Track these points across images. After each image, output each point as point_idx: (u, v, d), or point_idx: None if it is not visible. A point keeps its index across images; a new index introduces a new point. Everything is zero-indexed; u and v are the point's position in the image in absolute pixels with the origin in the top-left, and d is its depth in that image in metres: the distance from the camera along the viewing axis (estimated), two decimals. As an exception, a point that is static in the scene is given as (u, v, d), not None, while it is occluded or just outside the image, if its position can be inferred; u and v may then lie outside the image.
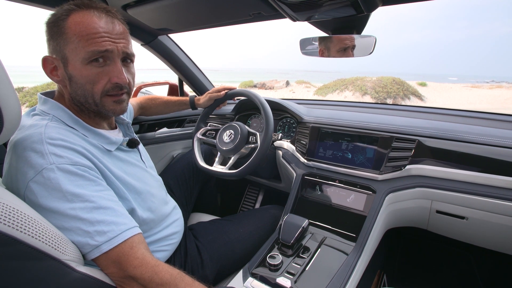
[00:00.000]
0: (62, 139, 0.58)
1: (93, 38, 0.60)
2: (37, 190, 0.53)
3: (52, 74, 0.65)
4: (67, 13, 0.61)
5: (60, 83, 0.66)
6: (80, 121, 0.66)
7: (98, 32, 0.61)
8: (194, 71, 1.52)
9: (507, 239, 0.92)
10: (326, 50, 0.93)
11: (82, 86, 0.64)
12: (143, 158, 0.82)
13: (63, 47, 0.61)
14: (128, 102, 0.73)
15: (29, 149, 0.55)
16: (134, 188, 0.70)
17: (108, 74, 0.64)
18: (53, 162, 0.54)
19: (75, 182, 0.55)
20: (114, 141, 0.71)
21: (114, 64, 0.65)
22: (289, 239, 0.83)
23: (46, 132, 0.58)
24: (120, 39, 0.65)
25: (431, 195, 0.93)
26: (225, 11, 0.98)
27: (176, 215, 0.88)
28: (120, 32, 0.65)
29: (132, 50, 0.69)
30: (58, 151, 0.56)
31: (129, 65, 0.70)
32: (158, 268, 0.57)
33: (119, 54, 0.65)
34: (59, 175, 0.54)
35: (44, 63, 0.65)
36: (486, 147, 0.87)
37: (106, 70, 0.64)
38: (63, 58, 0.62)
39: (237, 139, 1.10)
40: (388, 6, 0.80)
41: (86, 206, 0.55)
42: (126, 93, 0.70)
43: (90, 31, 0.60)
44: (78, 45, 0.60)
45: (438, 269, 1.33)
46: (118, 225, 0.57)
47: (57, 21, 0.61)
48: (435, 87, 16.86)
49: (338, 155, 1.08)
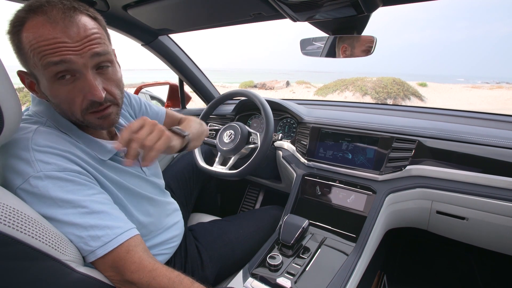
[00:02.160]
0: (50, 146, 0.55)
1: (44, 50, 0.51)
2: (26, 198, 0.51)
3: (32, 89, 0.59)
4: (21, 23, 0.52)
5: (43, 98, 0.60)
6: (74, 127, 0.62)
7: (51, 43, 0.51)
8: (194, 71, 1.52)
9: (507, 239, 0.92)
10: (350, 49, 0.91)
11: (59, 106, 0.58)
12: (143, 168, 0.76)
13: (27, 64, 0.55)
14: (118, 112, 0.64)
15: (15, 156, 0.53)
16: (132, 192, 0.68)
17: (81, 91, 0.55)
18: (41, 170, 0.52)
19: (65, 188, 0.53)
20: (109, 150, 0.66)
21: (84, 78, 0.54)
22: (289, 240, 0.83)
23: (33, 138, 0.54)
24: (84, 44, 0.53)
25: (431, 195, 0.93)
26: (225, 11, 0.98)
27: (177, 217, 0.87)
28: (84, 36, 0.53)
29: (106, 48, 0.57)
30: (46, 157, 0.53)
31: (106, 71, 0.58)
32: (156, 272, 0.55)
33: (86, 63, 0.54)
34: (47, 182, 0.52)
35: (20, 78, 0.59)
36: (487, 148, 0.87)
37: (78, 87, 0.55)
38: (32, 75, 0.56)
39: (237, 139, 1.10)
40: (388, 7, 0.80)
41: (78, 212, 0.53)
42: (111, 105, 0.60)
43: (40, 42, 0.51)
44: (35, 60, 0.52)
45: (438, 269, 1.33)
46: (113, 229, 0.55)
47: (14, 32, 0.53)
48: (435, 87, 16.85)
49: (338, 156, 1.08)
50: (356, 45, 0.89)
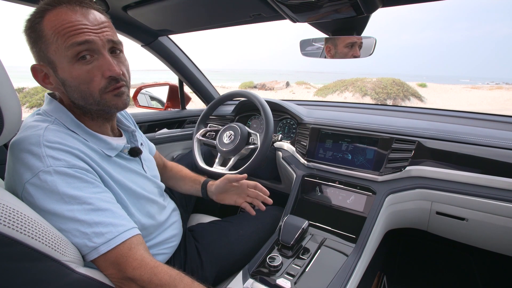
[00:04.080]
0: (60, 143, 0.57)
1: (69, 32, 0.57)
2: (34, 192, 0.53)
3: (45, 82, 0.63)
4: (41, 14, 0.58)
5: (55, 90, 0.64)
6: (82, 125, 0.65)
7: (75, 25, 0.57)
8: (194, 72, 1.53)
9: (507, 240, 0.92)
10: (333, 48, 0.92)
11: (77, 88, 0.61)
12: (145, 168, 0.79)
13: (46, 51, 0.59)
14: (128, 95, 0.69)
15: (27, 151, 0.55)
16: (134, 193, 0.69)
17: (100, 69, 0.60)
18: (50, 165, 0.54)
19: (73, 184, 0.55)
20: (115, 147, 0.69)
21: (103, 57, 0.60)
22: (289, 240, 0.83)
23: (44, 134, 0.57)
24: (101, 29, 0.60)
25: (431, 196, 0.93)
26: (225, 12, 0.98)
27: (175, 217, 0.87)
28: (100, 22, 0.61)
29: (118, 38, 0.65)
30: (56, 153, 0.56)
31: (119, 55, 0.65)
32: (157, 269, 0.57)
33: (104, 44, 0.60)
34: (56, 177, 0.54)
35: (33, 72, 0.62)
36: (486, 149, 0.87)
37: (96, 66, 0.60)
38: (50, 63, 0.60)
39: (237, 140, 1.10)
40: (388, 8, 0.80)
41: (83, 208, 0.55)
42: (125, 85, 0.66)
43: (65, 25, 0.57)
44: (58, 44, 0.57)
45: (438, 270, 1.33)
46: (116, 226, 0.57)
47: (33, 25, 0.59)
48: (434, 88, 16.87)
49: (338, 156, 1.08)
50: (355, 46, 0.89)
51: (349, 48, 0.89)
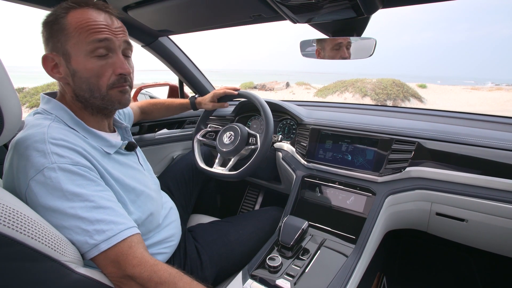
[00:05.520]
0: (64, 140, 0.59)
1: (93, 29, 0.63)
2: (38, 189, 0.53)
3: (53, 71, 0.66)
4: (66, 11, 0.63)
5: (62, 81, 0.67)
6: (81, 123, 0.66)
7: (98, 24, 0.63)
8: (194, 72, 1.53)
9: (507, 241, 0.92)
10: (322, 50, 0.93)
11: (87, 80, 0.65)
12: (141, 161, 0.82)
13: (65, 43, 0.63)
14: (130, 95, 0.73)
15: (31, 148, 0.55)
16: (134, 190, 0.70)
17: (112, 66, 0.66)
18: (55, 162, 0.55)
19: (76, 182, 0.56)
20: (114, 144, 0.71)
21: (117, 56, 0.67)
22: (289, 241, 0.83)
23: (49, 132, 0.58)
24: (119, 32, 0.67)
25: (431, 197, 0.93)
26: (225, 13, 0.98)
27: (173, 216, 0.88)
28: (118, 26, 0.68)
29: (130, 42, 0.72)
30: (60, 151, 0.57)
31: (128, 59, 0.71)
32: (157, 267, 0.57)
33: (120, 45, 0.67)
34: (60, 174, 0.54)
35: (44, 61, 0.65)
36: (486, 149, 0.87)
37: (110, 63, 0.66)
38: (65, 54, 0.63)
39: (237, 140, 1.10)
40: (388, 9, 0.80)
41: (85, 205, 0.55)
42: (129, 86, 0.71)
43: (90, 23, 0.63)
44: (79, 38, 0.62)
45: (438, 271, 1.33)
46: (117, 224, 0.57)
47: (57, 19, 0.63)
48: (434, 89, 16.88)
49: (338, 157, 1.08)
50: (355, 47, 0.89)
51: (336, 50, 0.90)
